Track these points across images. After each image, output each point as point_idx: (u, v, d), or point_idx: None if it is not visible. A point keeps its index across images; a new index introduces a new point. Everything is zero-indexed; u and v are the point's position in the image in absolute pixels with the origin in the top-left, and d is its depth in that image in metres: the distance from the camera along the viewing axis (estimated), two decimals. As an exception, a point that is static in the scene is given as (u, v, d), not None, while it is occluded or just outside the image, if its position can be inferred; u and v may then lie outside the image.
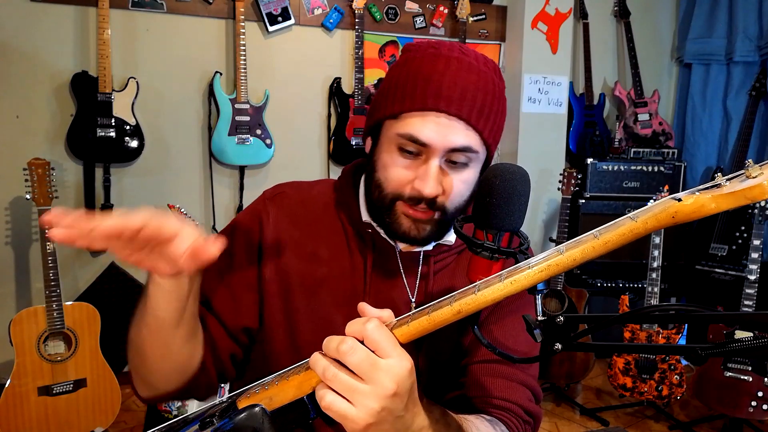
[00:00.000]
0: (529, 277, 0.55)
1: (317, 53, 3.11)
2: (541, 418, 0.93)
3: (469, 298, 0.58)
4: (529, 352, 0.91)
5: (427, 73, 0.82)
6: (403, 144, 0.83)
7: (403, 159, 0.84)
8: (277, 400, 0.64)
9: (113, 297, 2.80)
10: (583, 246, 0.52)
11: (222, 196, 3.01)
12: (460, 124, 0.82)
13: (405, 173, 0.84)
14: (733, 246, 3.01)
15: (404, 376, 0.60)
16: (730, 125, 3.43)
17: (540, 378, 2.87)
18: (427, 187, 0.81)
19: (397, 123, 0.84)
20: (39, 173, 2.22)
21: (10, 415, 2.15)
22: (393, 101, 0.85)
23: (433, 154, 0.82)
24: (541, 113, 3.38)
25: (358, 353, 0.59)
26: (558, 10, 3.33)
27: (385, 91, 0.88)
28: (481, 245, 0.70)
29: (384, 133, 0.87)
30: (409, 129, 0.82)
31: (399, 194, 0.85)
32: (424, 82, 0.82)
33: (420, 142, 0.81)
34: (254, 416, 0.60)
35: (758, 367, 2.40)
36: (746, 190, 0.44)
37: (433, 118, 0.81)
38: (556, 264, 0.54)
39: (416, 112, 0.82)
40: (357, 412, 0.58)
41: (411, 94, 0.83)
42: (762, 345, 0.49)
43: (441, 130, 0.81)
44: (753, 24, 3.32)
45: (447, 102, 0.81)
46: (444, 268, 0.94)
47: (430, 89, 0.81)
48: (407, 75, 0.85)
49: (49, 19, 2.63)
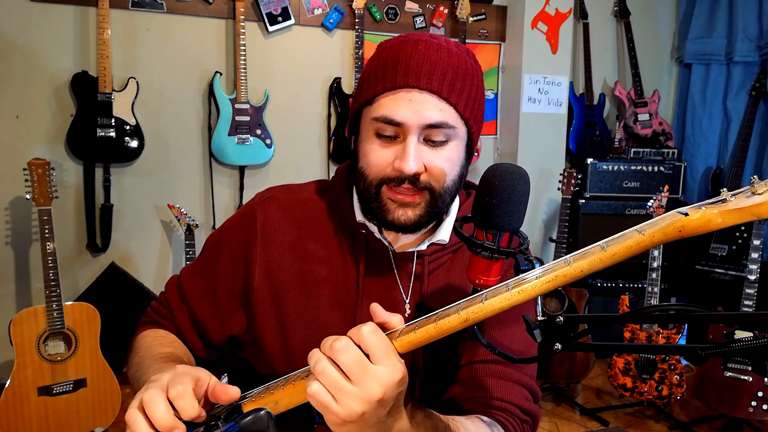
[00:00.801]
0: (536, 288, 0.56)
1: (317, 53, 3.11)
2: (540, 417, 0.93)
3: (476, 307, 0.58)
4: (527, 351, 0.91)
5: (396, 56, 0.83)
6: (379, 128, 0.83)
7: (382, 143, 0.84)
8: (283, 404, 0.64)
9: (113, 297, 2.80)
10: (591, 258, 0.53)
11: (222, 196, 3.01)
12: (432, 98, 0.82)
13: (384, 155, 0.84)
14: (733, 246, 3.01)
15: (393, 385, 0.60)
16: (730, 125, 3.43)
17: (540, 378, 2.89)
18: (406, 165, 0.80)
19: (372, 108, 0.84)
20: (39, 173, 2.22)
21: (10, 415, 2.15)
22: (366, 88, 0.86)
23: (409, 132, 0.82)
24: (541, 113, 3.38)
25: (350, 353, 0.59)
26: (558, 10, 3.33)
27: (360, 82, 0.89)
28: (481, 245, 0.70)
29: (362, 124, 0.88)
30: (382, 111, 0.82)
31: (382, 178, 0.84)
32: (393, 63, 0.83)
33: (394, 122, 0.82)
34: (260, 420, 0.60)
35: (758, 367, 2.40)
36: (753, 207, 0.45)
37: (404, 95, 0.81)
38: (563, 275, 0.54)
39: (387, 92, 0.83)
40: (338, 408, 0.59)
41: (382, 77, 0.83)
42: (762, 345, 0.49)
43: (413, 106, 0.81)
44: (753, 24, 3.32)
45: (416, 77, 0.81)
46: (439, 267, 0.94)
47: (400, 68, 0.82)
48: (378, 63, 0.86)
49: (49, 19, 2.63)
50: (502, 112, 3.51)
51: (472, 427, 0.80)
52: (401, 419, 0.66)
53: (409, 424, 0.67)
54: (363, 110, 0.87)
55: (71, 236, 2.75)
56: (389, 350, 0.61)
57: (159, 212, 2.91)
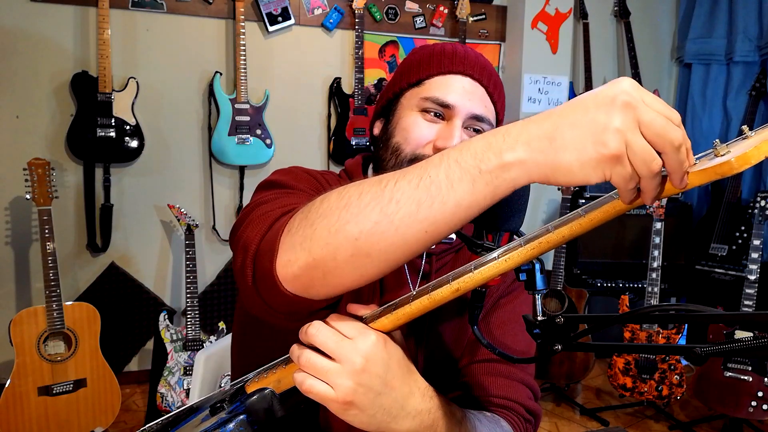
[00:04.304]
0: (521, 254, 0.56)
1: (317, 53, 3.11)
2: (541, 415, 0.93)
3: (467, 276, 0.58)
4: (527, 350, 0.91)
5: (446, 49, 0.88)
6: (427, 107, 0.85)
7: (426, 120, 0.86)
8: (285, 382, 0.65)
9: (113, 297, 2.80)
10: (571, 224, 0.54)
11: (222, 196, 3.01)
12: (480, 91, 0.86)
13: (428, 131, 0.85)
14: (733, 246, 3.01)
15: (371, 350, 0.60)
16: (730, 125, 3.43)
17: (540, 378, 2.89)
18: (451, 145, 0.81)
19: (420, 88, 0.87)
20: (39, 173, 2.22)
21: (10, 415, 2.15)
22: (416, 72, 0.88)
23: (456, 116, 0.84)
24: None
25: (324, 332, 0.60)
26: (558, 10, 3.33)
27: (404, 68, 0.91)
28: (481, 245, 0.70)
29: (403, 103, 0.89)
30: (434, 91, 0.85)
31: (419, 155, 0.85)
32: (448, 53, 0.87)
33: (445, 103, 0.84)
34: (264, 398, 0.62)
35: (758, 367, 2.40)
36: (716, 167, 0.47)
37: (459, 80, 0.85)
38: (546, 241, 0.55)
39: (441, 75, 0.86)
40: (334, 393, 0.59)
41: (437, 62, 0.86)
42: (762, 345, 0.49)
43: (465, 93, 0.85)
44: (753, 24, 3.32)
45: (471, 67, 0.85)
46: (443, 266, 0.95)
47: (456, 58, 0.86)
48: (428, 53, 0.89)
49: (49, 19, 2.63)
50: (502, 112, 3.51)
51: (485, 420, 0.80)
52: (412, 396, 0.65)
53: (426, 404, 0.66)
54: (406, 92, 0.88)
55: (71, 236, 2.75)
56: (356, 324, 0.62)
57: (159, 212, 2.91)
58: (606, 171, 0.48)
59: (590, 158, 0.48)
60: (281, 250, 0.61)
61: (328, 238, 0.56)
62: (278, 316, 0.67)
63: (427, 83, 0.86)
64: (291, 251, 0.60)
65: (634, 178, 0.48)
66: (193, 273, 2.55)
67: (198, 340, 2.54)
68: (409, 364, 0.66)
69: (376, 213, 0.54)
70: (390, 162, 0.87)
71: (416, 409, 0.65)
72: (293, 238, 0.60)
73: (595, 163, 0.48)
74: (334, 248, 0.56)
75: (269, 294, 0.63)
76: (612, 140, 0.47)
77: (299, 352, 0.61)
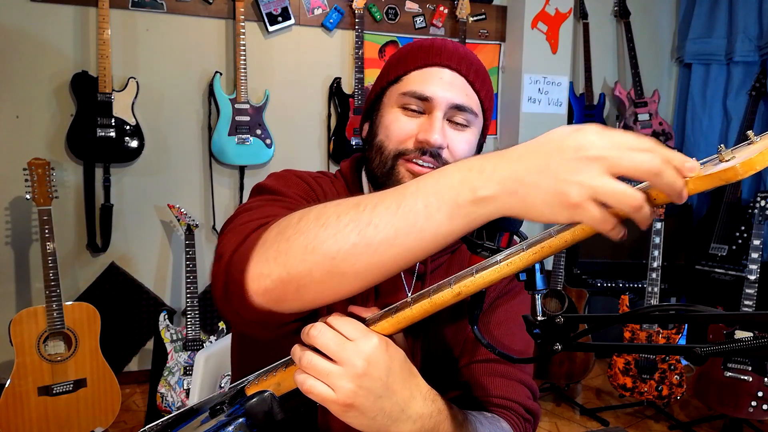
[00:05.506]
0: (523, 259, 0.56)
1: (317, 53, 3.11)
2: (540, 415, 0.93)
3: (468, 280, 0.58)
4: (526, 349, 0.91)
5: (425, 43, 0.87)
6: (406, 102, 0.85)
7: (407, 116, 0.86)
8: (285, 385, 0.65)
9: (113, 297, 2.80)
10: (574, 228, 0.54)
11: (222, 196, 3.01)
12: (460, 81, 0.85)
13: (409, 126, 0.85)
14: (733, 246, 3.01)
15: (373, 353, 0.60)
16: (730, 125, 3.43)
17: (540, 378, 2.89)
18: (432, 136, 0.82)
19: (399, 85, 0.86)
20: (39, 173, 2.23)
21: (10, 415, 2.15)
22: (395, 69, 0.88)
23: (436, 107, 0.84)
24: (541, 113, 3.38)
25: (326, 334, 0.60)
26: (558, 10, 3.33)
27: (386, 67, 0.91)
28: (481, 245, 0.70)
29: (385, 102, 0.89)
30: (411, 86, 0.85)
31: (402, 150, 0.85)
32: (425, 47, 0.87)
33: (423, 96, 0.83)
34: (264, 401, 0.62)
35: (758, 367, 2.40)
36: (721, 173, 0.47)
37: (435, 71, 0.85)
38: (549, 245, 0.55)
39: (418, 69, 0.86)
40: (335, 394, 0.59)
41: (413, 58, 0.86)
42: (762, 345, 0.49)
43: (443, 85, 0.84)
44: (753, 24, 3.32)
45: (448, 58, 0.85)
46: (438, 267, 0.94)
47: (433, 50, 0.86)
48: (404, 50, 0.89)
49: (49, 19, 2.63)
50: (502, 112, 3.51)
51: (486, 422, 0.81)
52: (414, 400, 0.65)
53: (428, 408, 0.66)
54: (386, 91, 0.88)
55: (71, 236, 2.75)
56: (358, 325, 0.62)
57: (159, 212, 2.91)
58: (574, 216, 0.50)
59: (555, 204, 0.50)
60: (253, 263, 0.61)
61: (305, 255, 0.57)
62: (249, 325, 0.67)
63: (405, 79, 0.86)
64: (264, 264, 0.60)
65: (609, 219, 0.49)
66: (193, 273, 2.55)
67: (198, 340, 2.54)
68: (411, 367, 0.66)
69: (354, 235, 0.56)
70: (375, 161, 0.87)
71: (417, 413, 0.65)
72: (267, 251, 0.60)
73: (560, 209, 0.50)
74: (310, 265, 0.57)
75: (239, 304, 0.63)
76: (573, 192, 0.49)
77: (301, 353, 0.61)
